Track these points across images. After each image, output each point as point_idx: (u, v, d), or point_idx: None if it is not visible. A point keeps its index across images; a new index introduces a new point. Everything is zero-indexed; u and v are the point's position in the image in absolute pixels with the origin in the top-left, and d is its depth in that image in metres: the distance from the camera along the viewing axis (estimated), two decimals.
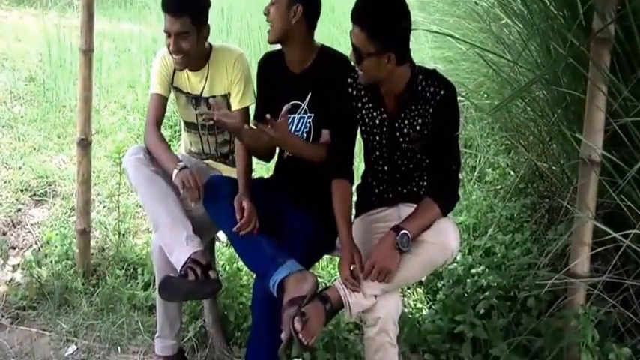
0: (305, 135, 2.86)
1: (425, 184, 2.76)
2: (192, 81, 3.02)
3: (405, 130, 2.64)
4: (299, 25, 2.76)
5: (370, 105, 2.68)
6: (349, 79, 2.71)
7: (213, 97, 2.97)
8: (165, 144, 2.94)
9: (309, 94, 2.83)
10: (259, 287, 2.64)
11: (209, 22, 2.94)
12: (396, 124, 2.65)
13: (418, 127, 2.62)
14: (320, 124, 2.83)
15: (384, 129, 2.67)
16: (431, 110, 2.59)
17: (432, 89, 2.58)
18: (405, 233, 2.44)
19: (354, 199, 2.95)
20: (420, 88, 2.59)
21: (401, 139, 2.66)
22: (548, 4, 3.05)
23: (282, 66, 2.88)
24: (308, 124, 2.85)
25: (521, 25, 3.65)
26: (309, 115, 2.85)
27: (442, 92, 2.57)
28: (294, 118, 2.86)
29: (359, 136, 2.81)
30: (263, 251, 2.63)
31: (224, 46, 3.07)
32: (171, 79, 3.03)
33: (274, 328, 2.47)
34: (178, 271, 2.71)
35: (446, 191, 2.61)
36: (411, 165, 2.72)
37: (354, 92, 2.71)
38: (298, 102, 2.85)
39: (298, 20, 2.75)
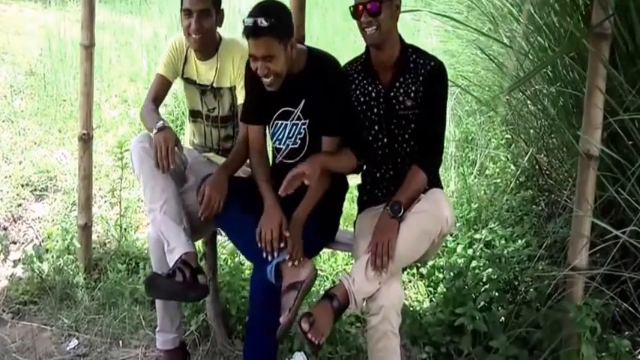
0: (299, 141, 2.81)
1: None
2: (201, 70, 3.05)
3: (401, 99, 2.75)
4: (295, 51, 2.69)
5: (365, 81, 2.79)
6: (348, 68, 2.84)
7: (220, 88, 3.02)
8: (155, 110, 2.97)
9: (303, 100, 2.77)
10: (257, 279, 2.64)
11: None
12: (392, 94, 2.76)
13: (412, 94, 2.73)
14: (315, 130, 2.78)
15: (381, 99, 2.77)
16: (421, 79, 2.72)
17: (421, 61, 2.75)
18: (395, 201, 2.56)
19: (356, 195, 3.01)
20: (410, 59, 2.75)
21: (397, 107, 2.75)
22: None
23: None
24: (303, 130, 2.80)
25: (523, 19, 3.65)
26: (303, 121, 2.79)
27: (432, 63, 2.74)
28: (286, 125, 2.82)
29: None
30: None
31: (232, 38, 3.08)
32: (182, 71, 3.07)
33: (272, 320, 2.48)
34: (170, 267, 2.72)
35: (430, 154, 2.75)
36: (407, 135, 2.78)
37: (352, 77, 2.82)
38: (290, 109, 2.80)
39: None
